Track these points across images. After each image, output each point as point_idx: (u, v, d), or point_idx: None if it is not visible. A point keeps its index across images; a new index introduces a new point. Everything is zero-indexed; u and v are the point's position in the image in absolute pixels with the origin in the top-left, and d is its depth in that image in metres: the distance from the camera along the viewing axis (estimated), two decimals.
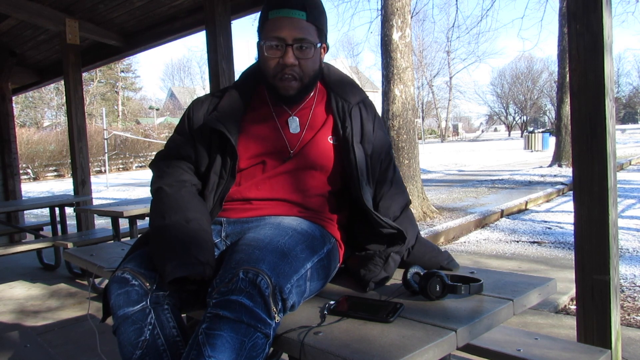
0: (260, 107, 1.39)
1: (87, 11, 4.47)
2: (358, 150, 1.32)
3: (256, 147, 1.34)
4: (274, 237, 1.15)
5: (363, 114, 1.38)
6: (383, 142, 1.41)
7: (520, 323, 2.57)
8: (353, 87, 1.41)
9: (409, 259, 1.39)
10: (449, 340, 0.96)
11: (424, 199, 6.64)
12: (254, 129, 1.36)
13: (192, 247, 1.15)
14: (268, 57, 1.29)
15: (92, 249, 2.25)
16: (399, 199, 1.41)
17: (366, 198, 1.31)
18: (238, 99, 1.38)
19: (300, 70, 1.29)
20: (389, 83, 6.42)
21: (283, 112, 1.38)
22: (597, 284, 1.67)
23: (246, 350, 0.97)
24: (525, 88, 44.69)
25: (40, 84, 6.56)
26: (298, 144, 1.34)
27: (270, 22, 1.28)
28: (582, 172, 1.69)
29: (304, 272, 1.16)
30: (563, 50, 11.15)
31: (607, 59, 1.62)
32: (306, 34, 1.27)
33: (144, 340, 1.08)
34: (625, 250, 4.28)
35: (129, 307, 1.10)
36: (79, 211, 4.63)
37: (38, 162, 22.24)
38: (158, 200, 1.29)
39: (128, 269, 1.14)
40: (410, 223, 1.41)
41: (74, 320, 3.05)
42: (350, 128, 1.33)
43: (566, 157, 11.70)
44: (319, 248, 1.25)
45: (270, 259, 1.06)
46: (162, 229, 1.20)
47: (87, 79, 36.62)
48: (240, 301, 0.99)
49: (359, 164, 1.31)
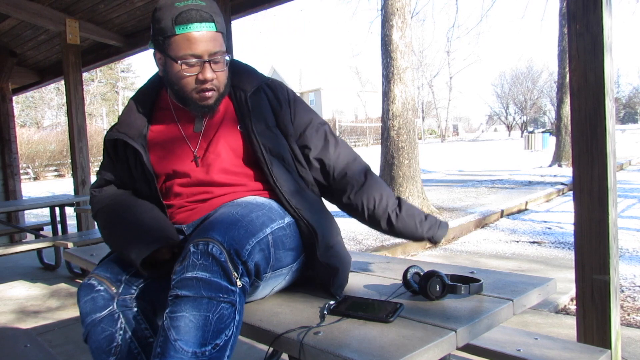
0: (163, 114, 1.35)
1: (87, 11, 4.47)
2: (265, 133, 1.28)
3: (165, 153, 1.31)
4: (226, 212, 1.13)
5: (270, 96, 1.33)
6: (307, 118, 1.36)
7: (520, 323, 2.57)
8: (249, 74, 1.35)
9: (399, 223, 1.34)
10: (449, 340, 0.96)
11: (424, 199, 6.64)
12: (159, 136, 1.33)
13: (145, 229, 1.17)
14: (185, 74, 1.22)
15: (92, 249, 2.26)
16: (354, 164, 1.37)
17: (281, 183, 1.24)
18: (137, 108, 1.34)
19: (217, 81, 1.25)
20: (389, 83, 6.42)
21: (185, 114, 1.33)
22: (597, 284, 1.67)
23: (212, 324, 0.96)
24: (525, 88, 44.68)
25: (41, 84, 6.56)
26: (201, 142, 1.30)
27: (180, 38, 1.19)
28: (582, 172, 1.69)
29: (264, 236, 1.11)
30: (563, 50, 11.16)
31: (607, 59, 1.62)
32: (219, 45, 1.22)
33: (116, 346, 1.08)
34: (625, 250, 4.28)
35: (96, 313, 1.09)
36: (79, 211, 4.63)
37: (38, 162, 22.26)
38: (101, 219, 1.32)
39: (94, 274, 1.14)
40: (381, 186, 1.37)
41: (74, 320, 3.05)
42: (249, 115, 1.28)
43: (566, 157, 11.71)
44: (279, 217, 1.20)
45: (219, 227, 1.04)
46: (113, 234, 1.23)
47: (87, 79, 36.62)
48: (196, 276, 0.98)
49: (265, 146, 1.26)
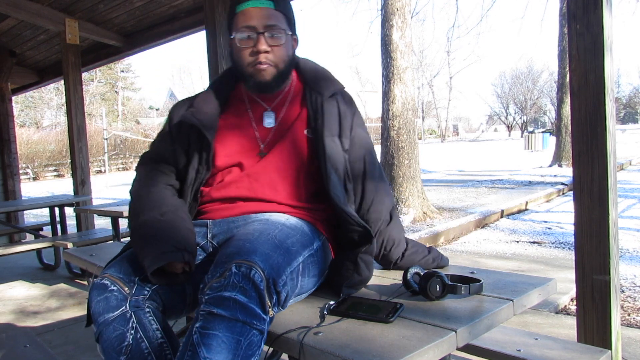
0: (237, 105, 1.40)
1: (87, 11, 4.47)
2: (330, 143, 1.30)
3: (231, 143, 1.35)
4: (264, 231, 1.13)
5: (341, 108, 1.36)
6: (364, 141, 1.39)
7: (520, 323, 2.57)
8: (327, 80, 1.39)
9: (402, 263, 1.40)
10: (449, 341, 0.96)
11: (424, 199, 6.63)
12: (229, 126, 1.37)
13: (167, 236, 1.16)
14: (241, 47, 1.30)
15: (92, 249, 2.25)
16: (387, 201, 1.41)
17: (335, 193, 1.26)
18: (213, 96, 1.39)
19: (273, 56, 1.29)
20: (389, 83, 6.42)
21: (259, 108, 1.38)
22: (597, 284, 1.67)
23: (242, 349, 0.95)
24: (526, 88, 44.66)
25: (40, 84, 6.55)
26: (270, 138, 1.34)
27: (239, 15, 1.29)
28: (582, 172, 1.69)
29: (297, 265, 1.14)
30: (563, 50, 11.15)
31: (607, 59, 1.62)
32: (276, 20, 1.28)
33: (127, 345, 1.08)
34: (625, 250, 4.28)
35: (108, 313, 1.09)
36: (78, 211, 4.62)
37: (38, 162, 22.25)
38: (134, 201, 1.32)
39: (107, 275, 1.14)
40: (399, 227, 1.42)
41: (73, 320, 3.05)
42: (322, 120, 1.31)
43: (566, 157, 11.71)
44: (309, 243, 1.23)
45: (262, 251, 1.04)
46: (139, 227, 1.23)
47: (87, 79, 36.62)
48: (235, 297, 0.97)
49: (331, 155, 1.29)
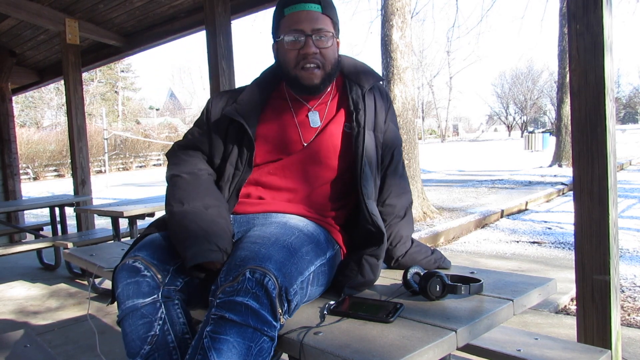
0: (279, 104, 1.40)
1: (87, 11, 4.47)
2: (369, 136, 1.32)
3: (273, 142, 1.34)
4: (280, 236, 1.12)
5: (377, 102, 1.38)
6: (394, 136, 1.41)
7: (520, 323, 2.57)
8: (367, 73, 1.40)
9: (404, 260, 1.39)
10: (449, 341, 0.96)
11: (424, 199, 6.63)
12: (271, 124, 1.37)
13: (212, 233, 1.13)
14: (289, 49, 1.30)
15: (92, 249, 2.25)
16: (404, 198, 1.41)
17: (365, 187, 1.28)
18: (257, 94, 1.39)
19: (322, 57, 1.30)
20: (389, 83, 6.42)
21: (301, 107, 1.38)
22: (597, 284, 1.67)
23: (253, 355, 0.94)
24: (526, 88, 44.66)
25: (40, 84, 6.56)
26: (313, 136, 1.34)
27: (287, 18, 1.30)
28: (582, 172, 1.69)
29: (308, 274, 1.13)
30: (563, 50, 11.16)
31: (607, 59, 1.62)
32: (323, 24, 1.30)
33: (153, 335, 1.05)
34: (625, 250, 4.28)
35: (138, 298, 1.05)
36: (79, 211, 4.62)
37: (38, 162, 22.26)
38: (175, 187, 1.27)
39: (140, 257, 1.09)
40: (410, 226, 1.42)
41: (73, 320, 3.05)
42: (364, 112, 1.33)
43: (566, 157, 11.71)
44: (323, 253, 1.23)
45: (276, 258, 1.03)
46: (182, 215, 1.17)
47: (87, 79, 36.61)
48: (247, 303, 0.96)
49: (367, 149, 1.30)
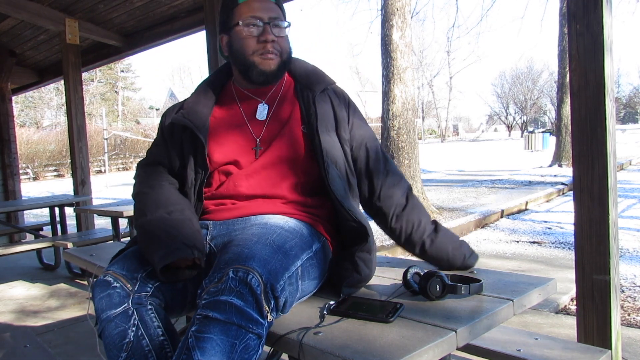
0: (228, 102, 1.41)
1: (87, 11, 4.47)
2: (326, 137, 1.31)
3: (225, 141, 1.35)
4: (262, 236, 1.14)
5: (334, 102, 1.38)
6: (364, 132, 1.40)
7: (520, 323, 2.57)
8: (317, 76, 1.41)
9: (432, 249, 1.36)
10: (449, 341, 0.96)
11: (424, 199, 6.63)
12: (222, 124, 1.38)
13: (176, 233, 1.16)
14: (247, 36, 1.32)
15: (92, 249, 2.25)
16: (399, 185, 1.40)
17: (334, 186, 1.27)
18: (204, 96, 1.40)
19: (278, 46, 1.33)
20: (389, 83, 6.42)
21: (251, 102, 1.39)
22: (597, 284, 1.67)
23: (237, 352, 0.95)
24: (526, 88, 44.65)
25: (40, 84, 6.56)
26: (265, 133, 1.34)
27: (242, 6, 1.33)
28: (582, 172, 1.69)
29: (295, 269, 1.14)
30: (563, 50, 11.15)
31: (607, 59, 1.62)
32: (277, 13, 1.33)
33: (128, 342, 1.08)
34: (625, 250, 4.28)
35: (111, 309, 1.09)
36: (78, 211, 4.62)
37: (38, 162, 22.25)
38: (139, 202, 1.33)
39: (110, 271, 1.14)
40: (420, 210, 1.39)
41: (73, 320, 3.05)
42: (315, 116, 1.32)
43: (566, 157, 11.71)
44: (308, 246, 1.23)
45: (260, 256, 1.05)
46: (146, 225, 1.23)
47: (87, 79, 36.62)
48: (230, 301, 0.97)
49: (328, 150, 1.30)
